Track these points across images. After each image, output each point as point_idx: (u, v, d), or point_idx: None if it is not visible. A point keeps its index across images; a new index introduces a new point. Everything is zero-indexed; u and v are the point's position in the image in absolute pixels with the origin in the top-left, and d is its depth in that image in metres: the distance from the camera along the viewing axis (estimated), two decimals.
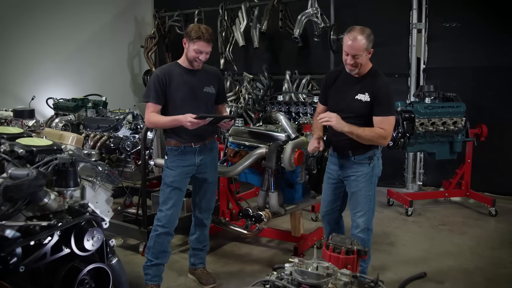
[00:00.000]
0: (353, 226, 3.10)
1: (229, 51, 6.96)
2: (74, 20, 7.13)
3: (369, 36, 2.84)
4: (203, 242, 3.56)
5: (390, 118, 2.93)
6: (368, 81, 2.95)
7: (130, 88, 8.35)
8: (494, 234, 4.63)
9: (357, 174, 3.03)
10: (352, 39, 2.81)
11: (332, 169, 3.19)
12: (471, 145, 5.36)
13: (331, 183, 3.21)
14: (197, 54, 3.11)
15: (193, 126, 3.01)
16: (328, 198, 3.24)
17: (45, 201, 1.77)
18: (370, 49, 2.87)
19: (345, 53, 2.87)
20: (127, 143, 4.45)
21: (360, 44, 2.80)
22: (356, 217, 3.06)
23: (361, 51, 2.81)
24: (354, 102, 2.95)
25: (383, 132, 2.87)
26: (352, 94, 2.97)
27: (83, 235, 1.75)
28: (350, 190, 3.08)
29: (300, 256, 3.82)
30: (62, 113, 5.94)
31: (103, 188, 2.08)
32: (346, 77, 3.04)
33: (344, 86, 3.03)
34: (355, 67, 2.88)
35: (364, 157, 3.02)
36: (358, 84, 2.98)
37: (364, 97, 2.92)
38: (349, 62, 2.86)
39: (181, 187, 3.26)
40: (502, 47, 5.78)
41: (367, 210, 3.05)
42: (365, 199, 3.04)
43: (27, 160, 1.94)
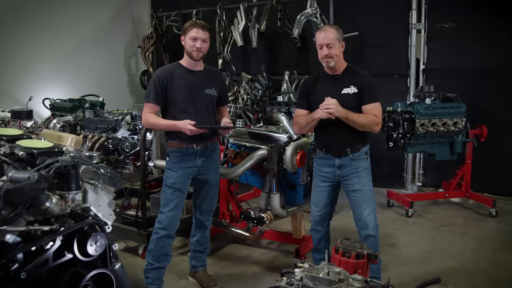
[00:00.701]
0: (361, 227, 3.07)
1: (227, 51, 6.91)
2: (70, 20, 7.07)
3: (338, 29, 3.02)
4: (204, 244, 3.52)
5: (378, 104, 3.02)
6: (349, 76, 3.05)
7: (127, 89, 8.29)
8: (495, 235, 4.61)
9: (358, 170, 3.04)
10: (323, 31, 3.01)
11: (327, 171, 3.13)
12: (471, 145, 5.34)
13: (327, 185, 3.17)
14: (193, 42, 3.09)
15: (192, 133, 3.01)
16: (322, 202, 3.19)
17: (47, 205, 1.72)
18: (342, 41, 3.02)
19: (319, 46, 3.00)
20: (126, 144, 4.39)
21: (331, 34, 2.96)
22: (364, 215, 3.03)
23: (333, 40, 2.95)
24: (342, 97, 2.99)
25: (376, 119, 2.98)
26: (338, 90, 3.02)
27: (86, 240, 1.70)
28: (353, 188, 3.06)
29: (302, 258, 3.80)
30: (59, 113, 5.89)
31: (105, 191, 2.04)
32: (326, 78, 3.11)
33: (327, 86, 3.08)
34: (330, 58, 2.96)
35: (361, 153, 3.06)
36: (339, 80, 3.06)
37: (351, 89, 3.01)
38: (325, 53, 2.95)
39: (183, 189, 3.22)
40: (501, 48, 5.77)
41: (373, 205, 3.08)
42: (369, 194, 3.06)
43: (27, 162, 1.89)
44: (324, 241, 3.29)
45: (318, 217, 3.23)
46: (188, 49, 3.13)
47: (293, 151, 3.42)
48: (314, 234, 3.30)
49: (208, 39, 3.16)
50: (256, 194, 5.66)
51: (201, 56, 3.16)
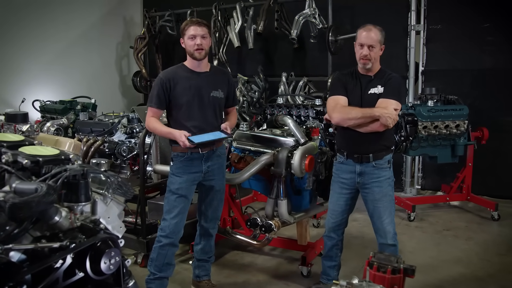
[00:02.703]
0: (380, 235, 2.98)
1: (222, 52, 6.77)
2: (60, 20, 6.88)
3: (382, 31, 2.92)
4: (208, 253, 3.38)
5: (393, 101, 2.85)
6: (379, 78, 2.95)
7: (119, 90, 8.10)
8: (499, 239, 4.56)
9: (380, 180, 2.93)
10: (367, 30, 2.88)
11: (346, 178, 3.03)
12: (472, 148, 5.28)
13: (345, 193, 3.06)
14: (192, 40, 2.97)
15: (185, 146, 2.88)
16: (339, 209, 3.10)
17: (56, 219, 1.57)
18: (383, 44, 2.92)
19: (360, 45, 2.89)
20: (123, 148, 4.22)
21: (375, 35, 2.86)
22: (385, 224, 2.94)
23: (376, 42, 2.85)
24: (368, 97, 2.91)
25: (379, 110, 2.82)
26: (365, 90, 2.94)
27: (100, 257, 1.55)
28: (374, 197, 2.95)
29: (308, 266, 3.68)
30: (50, 116, 5.69)
31: (115, 202, 1.89)
32: (358, 77, 2.99)
33: (357, 86, 2.97)
34: (368, 60, 2.87)
35: (383, 161, 2.94)
36: (370, 82, 2.96)
37: (377, 89, 2.90)
38: (364, 53, 2.85)
39: (187, 195, 3.08)
40: (500, 50, 5.74)
41: (393, 215, 2.98)
42: (390, 204, 2.96)
43: (32, 171, 1.73)
44: (336, 249, 3.20)
45: (333, 224, 3.13)
46: (189, 49, 3.01)
47: (301, 156, 3.30)
48: (327, 240, 3.20)
49: (207, 34, 3.03)
50: (255, 198, 5.54)
51: (203, 55, 3.03)
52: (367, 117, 2.82)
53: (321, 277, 3.32)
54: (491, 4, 5.73)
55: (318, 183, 3.70)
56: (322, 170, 3.65)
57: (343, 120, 2.89)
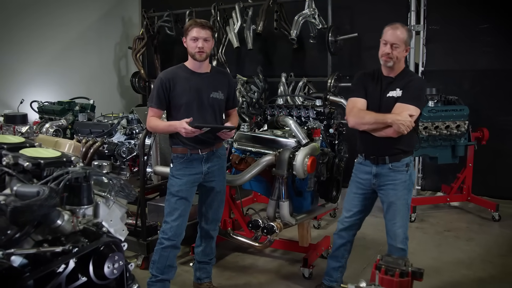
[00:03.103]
0: (390, 237, 2.96)
1: (221, 53, 6.74)
2: (58, 21, 6.84)
3: (409, 32, 2.86)
4: (209, 255, 3.35)
5: (411, 107, 2.76)
6: (400, 79, 2.89)
7: (117, 91, 8.06)
8: (501, 240, 4.54)
9: (395, 183, 2.90)
10: (393, 28, 2.82)
11: (363, 178, 3.01)
12: (472, 149, 5.27)
13: (361, 193, 3.05)
14: (195, 42, 2.94)
15: (188, 134, 2.83)
16: (355, 209, 3.08)
17: (59, 223, 1.54)
18: (408, 46, 2.86)
19: (384, 42, 2.83)
20: (123, 149, 4.19)
21: (401, 34, 2.79)
22: (395, 227, 2.92)
23: (401, 41, 2.79)
24: (386, 100, 2.86)
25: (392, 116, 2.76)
26: (383, 93, 2.89)
27: (103, 261, 1.52)
28: (388, 199, 2.93)
29: (310, 267, 3.65)
30: (48, 117, 5.65)
31: (118, 204, 1.85)
32: (379, 78, 2.95)
33: (378, 87, 2.93)
34: (390, 58, 2.81)
35: (401, 164, 2.90)
36: (390, 84, 2.90)
37: (396, 93, 2.84)
38: (387, 51, 2.80)
39: (188, 197, 3.05)
40: (500, 50, 5.73)
41: (406, 219, 2.95)
42: (404, 208, 2.93)
43: (33, 174, 1.70)
44: (344, 249, 3.19)
45: (346, 223, 3.12)
46: (191, 51, 2.99)
47: (303, 157, 3.27)
48: (337, 238, 3.18)
49: (210, 37, 3.00)
50: (255, 199, 5.51)
51: (204, 57, 3.01)
52: (380, 123, 2.79)
53: (324, 278, 3.30)
54: (491, 5, 5.71)
55: (319, 184, 3.67)
56: (324, 171, 3.63)
57: (357, 124, 2.89)
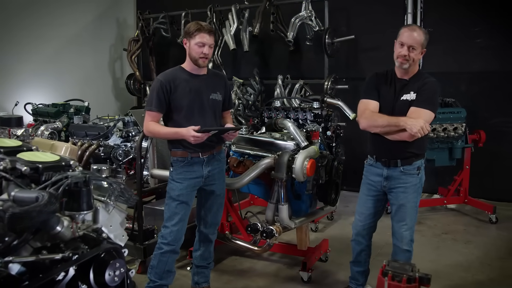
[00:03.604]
0: (397, 238, 2.95)
1: (217, 55, 6.70)
2: (53, 22, 6.76)
3: (426, 34, 2.83)
4: (207, 259, 3.31)
5: (426, 111, 2.74)
6: (415, 82, 2.86)
7: (112, 93, 7.99)
8: (499, 243, 4.53)
9: (406, 186, 2.88)
10: (411, 30, 2.79)
11: (374, 180, 2.99)
12: (469, 151, 5.27)
13: (373, 195, 3.03)
14: (200, 48, 2.89)
15: (196, 141, 2.80)
16: (368, 212, 3.06)
17: (58, 229, 1.50)
18: (424, 48, 2.84)
19: (401, 44, 2.79)
20: (119, 152, 4.14)
21: (418, 36, 2.77)
22: (403, 229, 2.91)
23: (418, 44, 2.76)
24: (400, 103, 2.83)
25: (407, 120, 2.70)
26: (397, 96, 2.86)
27: (104, 269, 1.48)
28: (398, 202, 2.92)
29: (309, 271, 3.62)
30: (42, 119, 5.58)
31: (117, 209, 1.82)
32: (393, 80, 2.91)
33: (391, 89, 2.90)
34: (407, 60, 2.78)
35: (412, 167, 2.89)
36: (403, 86, 2.87)
37: (410, 96, 2.82)
38: (403, 53, 2.76)
39: (188, 201, 3.01)
40: (497, 52, 5.73)
41: (414, 222, 2.95)
42: (413, 211, 2.93)
43: (31, 179, 1.65)
44: (365, 254, 3.16)
45: (361, 227, 3.10)
46: (194, 56, 2.93)
47: (303, 160, 3.24)
48: (355, 245, 3.16)
49: (213, 43, 2.98)
50: (252, 202, 5.48)
51: (207, 63, 2.99)
52: (393, 126, 2.76)
53: (350, 281, 3.27)
54: (488, 7, 5.72)
55: (318, 187, 3.65)
56: (323, 174, 3.61)
57: (370, 127, 2.87)
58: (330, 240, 4.17)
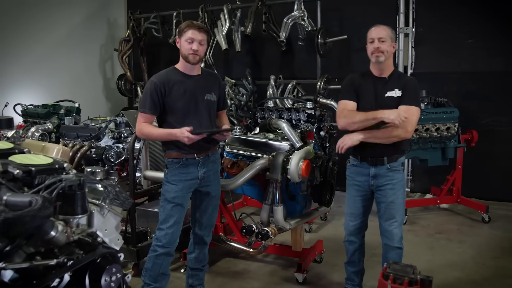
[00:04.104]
0: (387, 237, 2.95)
1: (209, 55, 6.66)
2: (42, 22, 6.70)
3: (392, 30, 2.91)
4: (202, 262, 3.27)
5: (414, 108, 2.83)
6: (395, 80, 2.92)
7: (103, 94, 7.93)
8: (492, 242, 4.54)
9: (393, 182, 2.91)
10: (376, 26, 2.90)
11: (360, 180, 3.00)
12: (461, 151, 5.29)
13: (361, 195, 3.04)
14: (190, 44, 2.87)
15: (190, 141, 2.77)
16: (358, 212, 3.07)
17: (52, 234, 1.46)
18: (394, 42, 2.90)
19: (370, 40, 2.88)
20: (111, 154, 4.09)
21: (384, 31, 2.86)
22: (393, 227, 2.92)
23: (386, 35, 2.84)
24: (386, 100, 2.86)
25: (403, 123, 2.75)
26: (382, 93, 2.89)
27: (100, 274, 1.44)
28: (386, 199, 2.93)
29: (304, 272, 3.60)
30: (32, 120, 5.51)
31: (112, 213, 1.78)
32: (371, 79, 2.95)
33: (371, 88, 2.93)
34: (381, 52, 2.82)
35: (397, 163, 2.92)
36: (385, 84, 2.91)
37: (395, 93, 2.86)
38: (376, 45, 2.82)
39: (183, 203, 2.97)
40: (489, 53, 5.76)
41: (403, 218, 2.99)
42: (402, 207, 2.96)
43: (23, 182, 1.61)
44: (359, 253, 3.17)
45: (353, 227, 3.10)
46: (184, 52, 2.91)
47: (298, 161, 3.22)
48: (348, 245, 3.17)
49: (205, 41, 2.94)
50: (245, 203, 5.45)
51: (197, 60, 2.94)
52: (371, 119, 2.79)
53: (346, 282, 3.28)
54: (480, 8, 5.75)
55: (313, 188, 3.63)
56: (317, 175, 3.59)
57: (348, 124, 2.89)
58: (324, 240, 4.15)
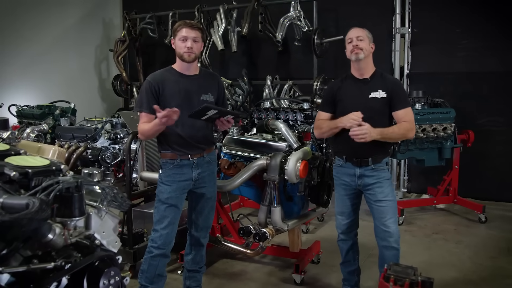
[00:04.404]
0: (383, 238, 2.92)
1: (205, 55, 6.65)
2: (37, 22, 6.66)
3: (369, 31, 2.96)
4: (199, 263, 3.24)
5: (410, 109, 2.91)
6: (377, 80, 2.93)
7: (98, 94, 7.89)
8: (489, 242, 4.55)
9: (380, 180, 2.92)
10: (353, 28, 2.95)
11: (347, 180, 3.00)
12: (458, 151, 5.30)
13: (349, 193, 3.04)
14: (183, 42, 2.85)
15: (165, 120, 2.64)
16: (348, 210, 3.07)
17: (50, 237, 1.43)
18: (372, 42, 2.94)
19: (349, 40, 2.92)
20: (107, 155, 4.06)
21: (361, 31, 2.91)
22: (388, 225, 2.90)
23: (363, 35, 2.89)
24: (370, 101, 2.88)
25: (408, 125, 2.86)
26: (365, 94, 2.91)
27: (98, 278, 1.42)
28: (376, 198, 2.91)
29: (301, 273, 3.59)
30: (27, 121, 5.47)
31: (110, 215, 1.76)
32: (353, 81, 2.98)
33: (354, 90, 2.95)
34: (360, 49, 2.85)
35: (382, 163, 2.94)
36: (367, 84, 2.93)
37: (379, 94, 2.88)
38: (354, 43, 2.86)
39: (178, 204, 2.94)
40: (485, 53, 5.77)
41: (396, 216, 2.97)
42: (394, 204, 2.94)
43: (20, 184, 1.58)
44: (353, 252, 3.16)
45: (344, 226, 3.10)
46: (179, 51, 2.89)
47: (295, 161, 3.21)
48: (342, 244, 3.16)
49: (199, 38, 2.92)
50: (241, 204, 5.43)
51: (193, 58, 2.92)
52: (333, 128, 2.91)
53: (343, 284, 3.26)
54: (476, 8, 5.77)
55: (310, 188, 3.62)
56: (315, 176, 3.58)
57: (321, 134, 3.05)
58: (321, 241, 4.14)
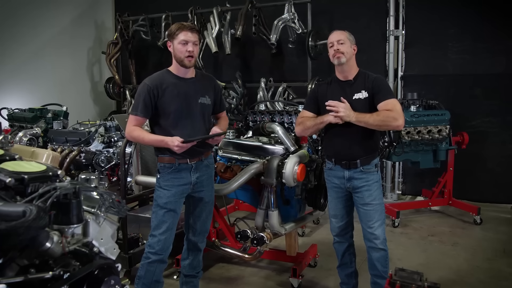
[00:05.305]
0: (369, 239, 2.93)
1: (199, 58, 6.60)
2: (28, 24, 6.57)
3: (350, 34, 2.96)
4: (196, 268, 3.20)
5: (393, 99, 2.84)
6: (361, 81, 2.93)
7: (90, 97, 7.81)
8: (485, 244, 4.55)
9: (369, 184, 2.91)
10: (334, 32, 2.96)
11: (338, 182, 3.00)
12: (452, 153, 5.31)
13: (341, 196, 3.03)
14: (184, 46, 2.80)
15: (180, 150, 2.73)
16: (341, 213, 3.06)
17: (47, 245, 1.39)
18: (354, 44, 2.95)
19: (330, 44, 2.93)
20: (101, 158, 4.00)
21: (342, 34, 2.92)
22: (374, 228, 2.91)
23: (344, 38, 2.89)
24: (354, 103, 2.87)
25: (391, 113, 2.76)
26: (349, 96, 2.90)
27: (98, 287, 1.38)
28: (364, 201, 2.92)
29: (299, 277, 3.56)
30: (18, 124, 5.39)
31: (108, 221, 1.71)
32: (337, 84, 2.99)
33: (338, 92, 2.95)
34: (342, 53, 2.85)
35: (371, 166, 2.92)
36: (351, 86, 2.93)
37: (362, 94, 2.89)
38: (335, 48, 2.87)
39: (176, 209, 2.90)
40: (479, 55, 5.79)
41: (383, 219, 2.96)
42: (381, 207, 2.94)
43: (15, 190, 1.54)
44: (349, 254, 3.15)
45: (339, 229, 3.09)
46: (179, 55, 2.83)
47: (293, 165, 3.18)
48: (338, 246, 3.15)
49: (198, 41, 2.88)
50: (236, 207, 5.39)
51: (193, 63, 2.88)
52: (319, 123, 2.90)
53: (341, 286, 3.25)
54: (469, 10, 5.79)
55: (307, 191, 3.59)
56: (312, 179, 3.55)
57: (303, 130, 3.02)
58: (318, 244, 4.11)
